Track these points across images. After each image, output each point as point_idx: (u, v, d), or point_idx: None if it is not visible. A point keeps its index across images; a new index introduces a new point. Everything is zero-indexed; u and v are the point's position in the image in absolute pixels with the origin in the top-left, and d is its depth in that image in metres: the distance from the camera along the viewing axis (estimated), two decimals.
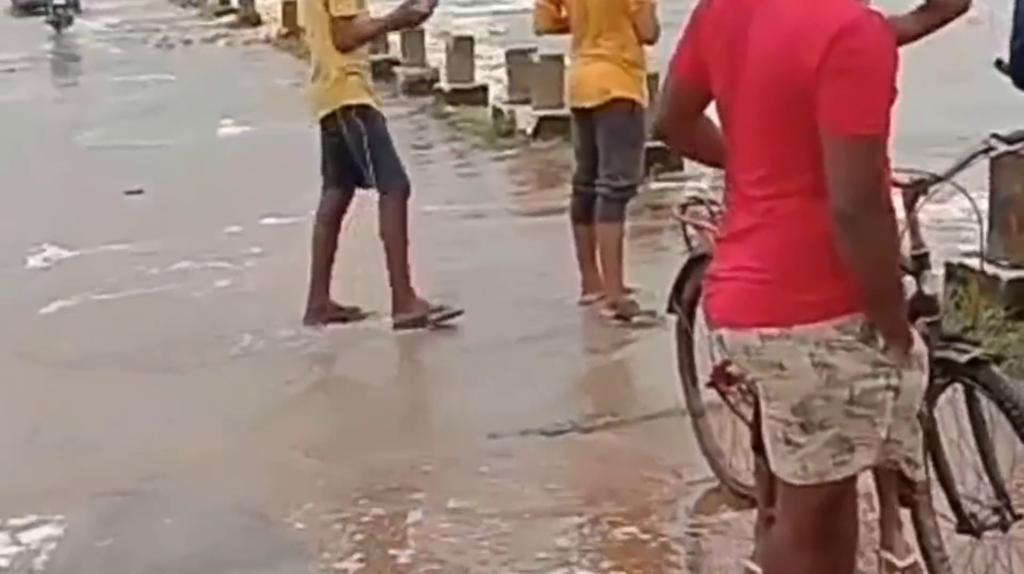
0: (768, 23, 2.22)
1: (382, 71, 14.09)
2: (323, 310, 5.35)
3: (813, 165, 2.19)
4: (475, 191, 8.09)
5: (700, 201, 3.77)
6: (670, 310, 3.87)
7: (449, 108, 11.61)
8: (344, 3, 5.11)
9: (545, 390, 4.50)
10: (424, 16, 5.40)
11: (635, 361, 4.74)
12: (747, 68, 2.25)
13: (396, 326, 5.25)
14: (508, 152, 9.42)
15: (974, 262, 4.44)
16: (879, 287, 2.22)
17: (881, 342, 2.26)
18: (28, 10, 31.20)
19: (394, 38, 14.69)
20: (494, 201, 7.63)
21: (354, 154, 5.22)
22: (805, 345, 2.23)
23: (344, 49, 5.14)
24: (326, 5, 5.12)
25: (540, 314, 5.35)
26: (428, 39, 13.95)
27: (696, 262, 3.70)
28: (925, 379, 2.38)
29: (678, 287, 3.82)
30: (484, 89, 11.69)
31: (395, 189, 5.27)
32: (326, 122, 5.29)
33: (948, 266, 4.49)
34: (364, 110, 5.23)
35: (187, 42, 22.25)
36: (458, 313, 5.27)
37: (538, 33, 5.58)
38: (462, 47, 12.02)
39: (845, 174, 2.12)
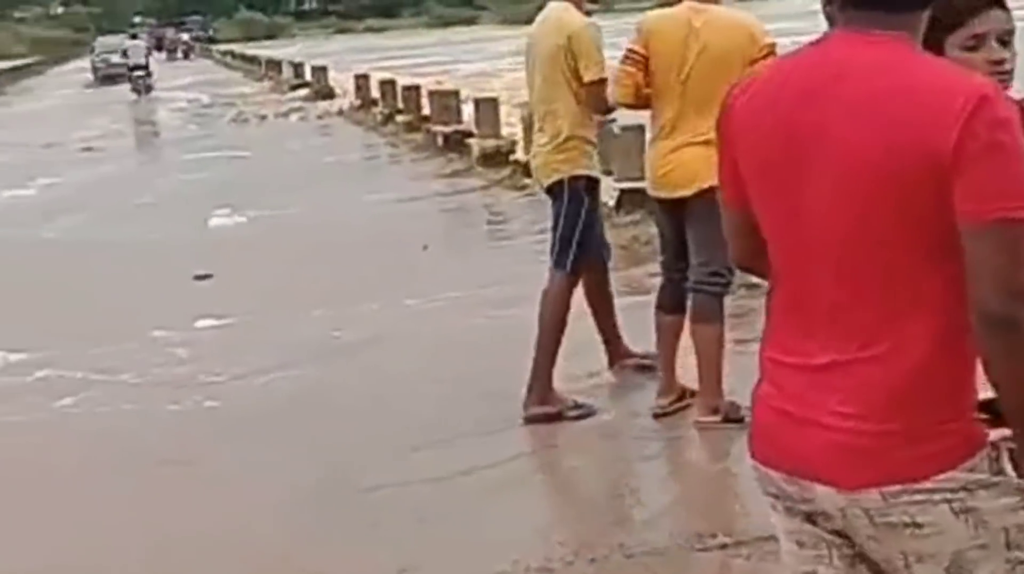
0: (856, 100, 1.82)
1: (455, 143, 13.96)
2: (543, 397, 4.96)
3: (928, 273, 1.81)
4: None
5: None
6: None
7: (526, 180, 11.29)
8: (596, 68, 4.81)
9: (647, 504, 4.05)
10: None
11: (744, 472, 4.26)
12: (821, 162, 1.84)
13: (527, 419, 4.83)
14: None
15: None
16: None
17: (1008, 465, 1.87)
18: (109, 81, 37.08)
19: (468, 108, 14.56)
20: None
21: (562, 225, 4.94)
22: (939, 493, 1.84)
23: (602, 112, 4.97)
24: (574, 71, 4.82)
25: (635, 416, 4.89)
26: (503, 110, 13.72)
27: None
28: None
29: None
30: None
31: (577, 275, 5.00)
32: (552, 189, 5.00)
33: None
34: (593, 183, 5.01)
35: (262, 117, 22.41)
36: (593, 413, 4.90)
37: (615, 106, 4.95)
38: None
39: (996, 267, 1.75)
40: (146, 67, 32.85)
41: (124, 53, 35.19)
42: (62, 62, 64.88)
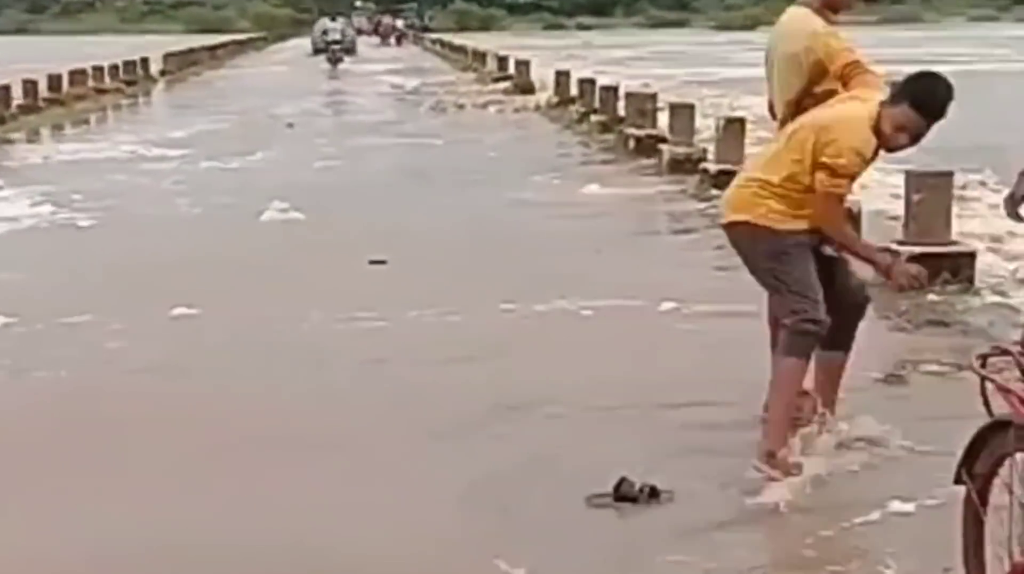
0: None
1: (647, 147, 13.69)
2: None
3: None
4: (734, 289, 7.36)
5: (1007, 352, 3.03)
6: (957, 481, 3.11)
7: (714, 191, 10.94)
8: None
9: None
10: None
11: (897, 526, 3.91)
12: None
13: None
14: None
15: None
16: None
17: None
18: (321, 53, 43.65)
19: (663, 113, 14.27)
20: (754, 302, 6.88)
21: None
22: None
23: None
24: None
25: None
26: (699, 118, 13.40)
27: (995, 429, 2.97)
28: None
29: (970, 456, 3.07)
30: None
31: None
32: None
33: None
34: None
35: (460, 107, 22.56)
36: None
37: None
38: (732, 129, 11.37)
39: None
40: (340, 43, 41.62)
41: (325, 32, 44.56)
42: (282, 39, 67.18)
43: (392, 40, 62.71)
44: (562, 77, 21.49)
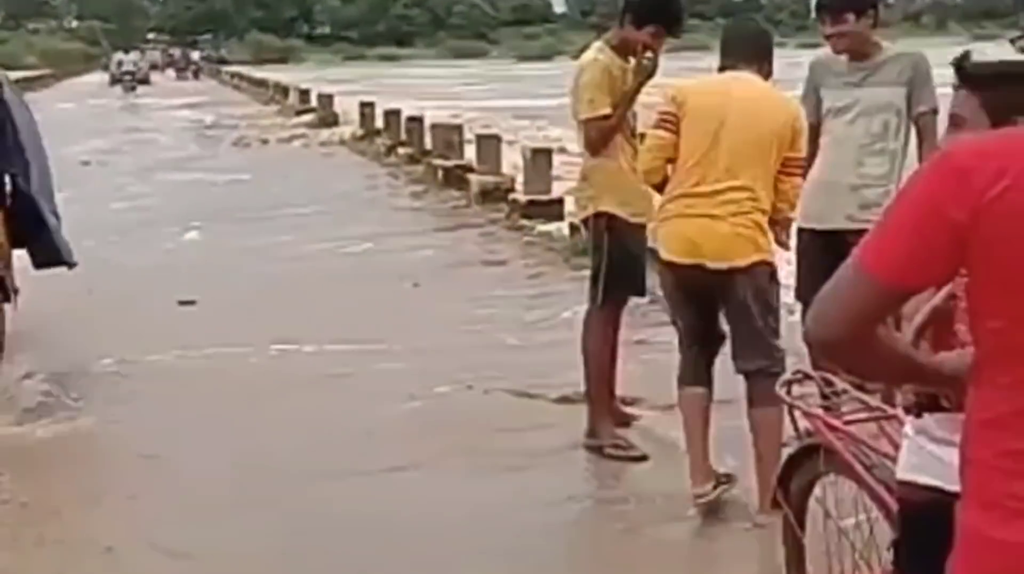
0: None
1: (456, 178, 13.78)
2: (591, 428, 5.05)
3: None
4: (550, 318, 7.52)
5: (809, 377, 3.19)
6: (774, 506, 3.25)
7: (523, 221, 11.12)
8: (581, 106, 4.85)
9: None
10: (649, 75, 4.80)
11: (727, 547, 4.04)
12: None
13: (585, 447, 4.96)
14: (585, 273, 8.82)
15: None
16: None
17: None
18: (115, 83, 48.55)
19: (470, 144, 14.39)
20: (569, 329, 7.01)
21: (591, 260, 5.04)
22: None
23: (590, 152, 4.90)
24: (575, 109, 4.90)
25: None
26: (505, 148, 13.59)
27: (804, 454, 3.11)
28: None
29: (784, 481, 3.21)
30: (561, 202, 11.18)
31: (607, 309, 5.02)
32: (584, 224, 5.13)
33: None
34: (613, 220, 4.90)
35: (264, 141, 22.22)
36: (641, 458, 4.82)
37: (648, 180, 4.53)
38: (539, 158, 11.59)
39: None
40: (134, 74, 47.81)
41: (119, 63, 49.55)
42: (73, 75, 64.85)
43: (189, 74, 61.78)
44: (367, 109, 21.46)
